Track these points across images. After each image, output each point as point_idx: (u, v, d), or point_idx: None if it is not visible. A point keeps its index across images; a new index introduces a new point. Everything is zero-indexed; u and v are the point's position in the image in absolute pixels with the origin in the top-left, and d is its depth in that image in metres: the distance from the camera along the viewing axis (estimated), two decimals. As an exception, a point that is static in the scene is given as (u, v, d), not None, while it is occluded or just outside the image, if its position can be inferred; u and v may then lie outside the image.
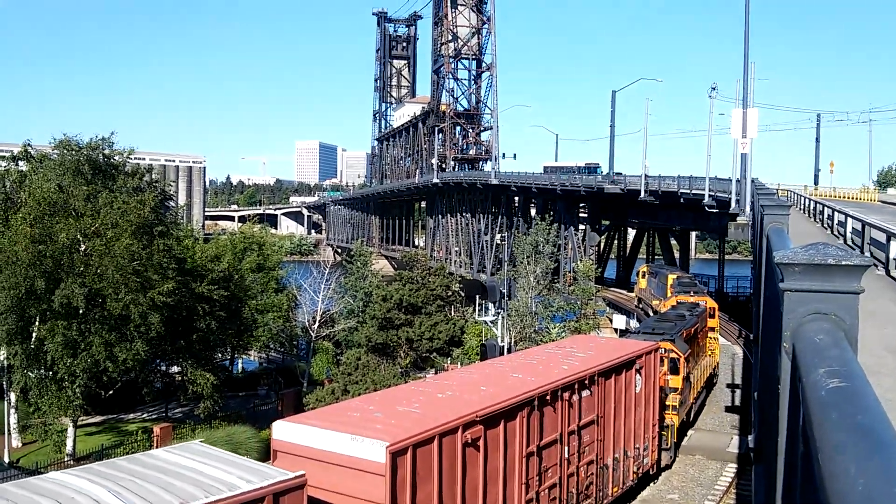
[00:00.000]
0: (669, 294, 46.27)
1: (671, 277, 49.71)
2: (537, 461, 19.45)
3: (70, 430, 37.47)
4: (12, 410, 40.79)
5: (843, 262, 3.84)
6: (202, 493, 12.74)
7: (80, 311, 35.08)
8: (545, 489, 19.88)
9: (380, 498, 14.56)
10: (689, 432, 33.57)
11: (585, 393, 21.75)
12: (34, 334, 36.14)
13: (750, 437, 13.02)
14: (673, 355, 29.68)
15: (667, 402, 29.07)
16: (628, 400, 24.67)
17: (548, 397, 19.70)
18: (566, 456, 20.81)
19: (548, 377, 20.51)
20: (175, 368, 48.90)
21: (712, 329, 40.67)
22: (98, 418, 46.65)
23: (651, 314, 52.82)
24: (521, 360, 23.63)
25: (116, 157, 41.92)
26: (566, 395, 20.61)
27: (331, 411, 18.12)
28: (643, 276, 60.71)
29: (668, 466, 29.67)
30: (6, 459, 37.72)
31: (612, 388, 23.46)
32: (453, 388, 19.04)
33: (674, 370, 29.85)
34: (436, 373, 54.14)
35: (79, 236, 36.28)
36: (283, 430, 16.09)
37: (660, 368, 27.99)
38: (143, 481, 13.16)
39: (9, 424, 40.35)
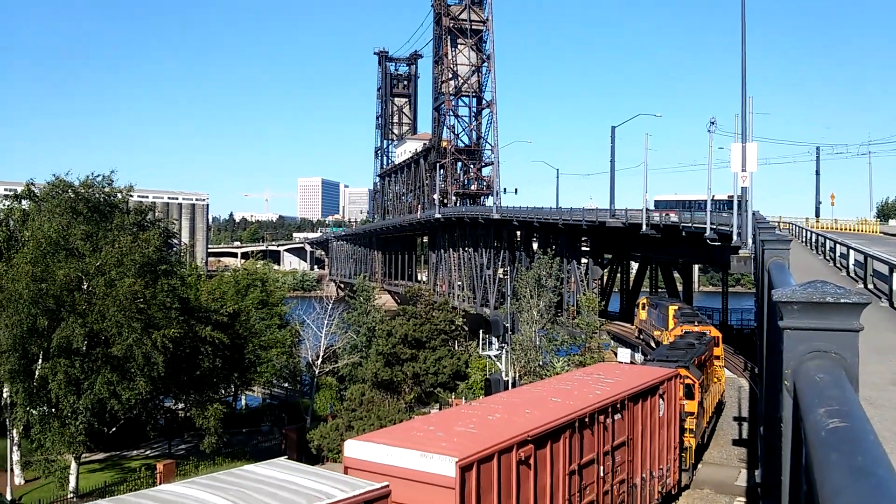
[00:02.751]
0: (672, 325, 46.45)
1: (672, 308, 49.91)
2: (578, 479, 20.53)
3: (73, 467, 37.23)
4: (15, 447, 40.58)
5: (842, 301, 3.87)
6: (305, 501, 13.83)
7: (83, 350, 35.05)
8: None
9: None
10: (699, 466, 33.47)
11: (617, 416, 22.96)
12: (37, 372, 36.07)
13: (757, 472, 12.95)
14: (688, 381, 30.52)
15: (684, 426, 30.04)
16: (653, 423, 25.79)
17: (586, 420, 20.90)
18: (601, 475, 21.93)
19: (585, 401, 21.58)
20: (179, 405, 48.73)
21: (717, 357, 41.16)
22: (101, 455, 46.35)
23: (653, 345, 52.85)
24: (556, 386, 24.69)
25: (118, 195, 42.11)
26: (601, 417, 21.82)
27: (396, 431, 19.14)
28: (643, 308, 60.64)
29: (688, 486, 30.57)
30: (9, 497, 37.46)
31: (640, 412, 24.67)
32: (500, 410, 20.03)
33: (689, 395, 30.69)
34: (440, 408, 53.84)
35: (80, 275, 36.34)
36: (354, 448, 17.07)
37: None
38: (251, 492, 14.15)
39: (11, 461, 40.12)
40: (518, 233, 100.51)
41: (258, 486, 14.54)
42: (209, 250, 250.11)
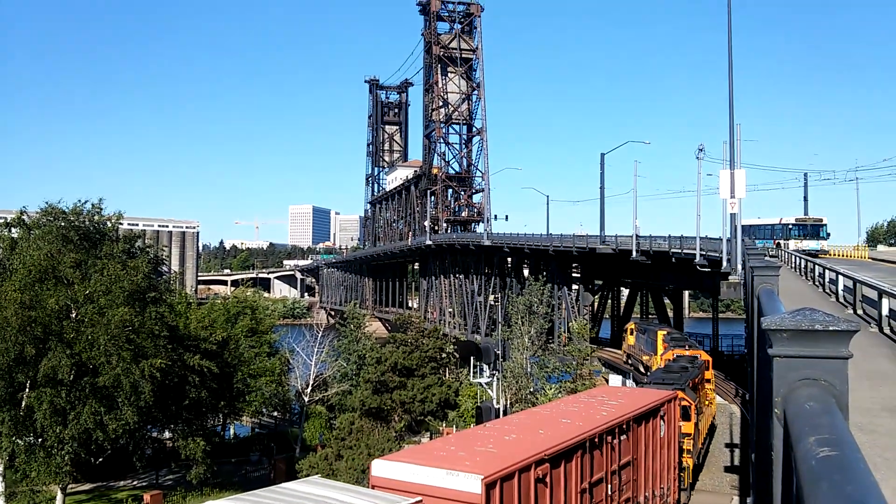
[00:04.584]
0: (661, 349, 46.67)
1: (661, 333, 50.11)
2: (589, 497, 21.18)
3: (59, 498, 36.73)
4: (-1, 478, 40.04)
5: (831, 328, 3.86)
6: None
7: (69, 380, 34.69)
8: None
9: None
10: (691, 493, 33.44)
11: (623, 437, 23.68)
12: (23, 401, 35.66)
13: (749, 500, 12.87)
14: (684, 403, 31.10)
15: (682, 447, 30.64)
16: (655, 444, 26.49)
17: (596, 440, 21.63)
18: (609, 493, 22.57)
19: (594, 422, 22.29)
20: (166, 434, 48.23)
21: (708, 381, 41.72)
22: (88, 486, 45.80)
23: (642, 370, 53.04)
24: (564, 408, 25.38)
25: (108, 223, 41.98)
26: (609, 438, 22.55)
27: (420, 450, 20.02)
28: (631, 333, 60.72)
29: None
30: (-7, 529, 36.92)
31: (643, 432, 25.43)
32: (514, 431, 20.74)
33: (686, 417, 31.26)
34: (431, 437, 53.46)
35: (69, 303, 36.09)
36: (381, 468, 17.69)
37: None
38: None
39: (-5, 492, 39.56)
40: (509, 259, 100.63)
41: (300, 501, 15.13)
42: (199, 278, 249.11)
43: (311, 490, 16.15)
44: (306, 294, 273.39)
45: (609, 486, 22.54)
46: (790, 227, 59.56)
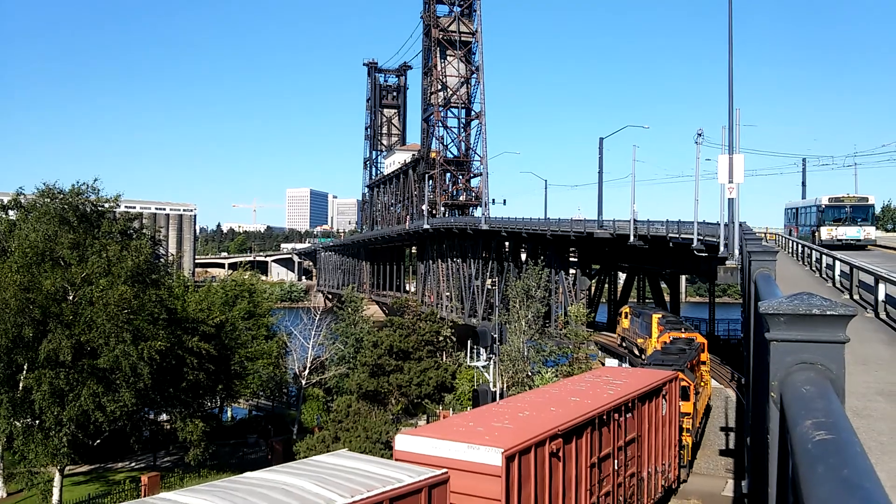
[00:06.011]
0: (656, 332, 46.83)
1: (656, 317, 50.35)
2: (597, 472, 22.40)
3: (57, 479, 36.82)
4: (-3, 459, 40.14)
5: (828, 313, 3.87)
6: (380, 484, 15.09)
7: (69, 362, 34.72)
8: (602, 495, 23.01)
9: (496, 495, 17.34)
10: (689, 472, 33.90)
11: (629, 415, 24.79)
12: (21, 383, 35.68)
13: (744, 483, 12.95)
14: (684, 383, 31.90)
15: (682, 425, 31.59)
16: (657, 422, 27.62)
17: (604, 417, 22.77)
18: (616, 468, 23.79)
19: (601, 401, 23.27)
20: (164, 416, 48.35)
21: (703, 363, 42.10)
22: (85, 467, 45.91)
23: (636, 353, 53.35)
24: (572, 387, 26.38)
25: (105, 205, 41.87)
26: (615, 416, 23.66)
27: (440, 426, 20.69)
28: (626, 317, 60.93)
29: (685, 481, 32.26)
30: (-10, 510, 37.07)
31: (646, 411, 26.51)
32: (527, 409, 21.75)
33: (685, 397, 32.03)
34: (427, 420, 53.66)
35: (66, 285, 36.03)
36: (405, 442, 18.61)
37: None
38: (330, 477, 15.36)
39: (-7, 474, 39.70)
40: (506, 244, 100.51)
41: (334, 471, 15.85)
42: (196, 261, 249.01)
43: (342, 462, 16.89)
44: (304, 277, 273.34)
45: (616, 461, 23.66)
46: (822, 209, 47.90)
